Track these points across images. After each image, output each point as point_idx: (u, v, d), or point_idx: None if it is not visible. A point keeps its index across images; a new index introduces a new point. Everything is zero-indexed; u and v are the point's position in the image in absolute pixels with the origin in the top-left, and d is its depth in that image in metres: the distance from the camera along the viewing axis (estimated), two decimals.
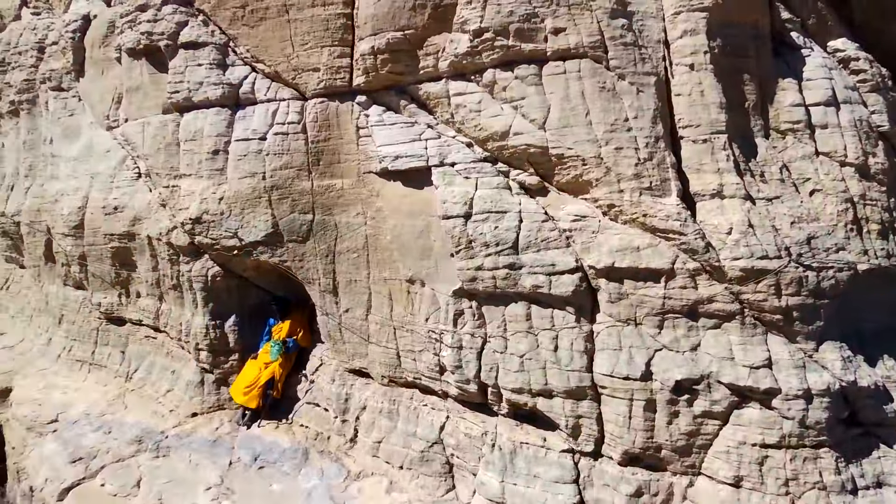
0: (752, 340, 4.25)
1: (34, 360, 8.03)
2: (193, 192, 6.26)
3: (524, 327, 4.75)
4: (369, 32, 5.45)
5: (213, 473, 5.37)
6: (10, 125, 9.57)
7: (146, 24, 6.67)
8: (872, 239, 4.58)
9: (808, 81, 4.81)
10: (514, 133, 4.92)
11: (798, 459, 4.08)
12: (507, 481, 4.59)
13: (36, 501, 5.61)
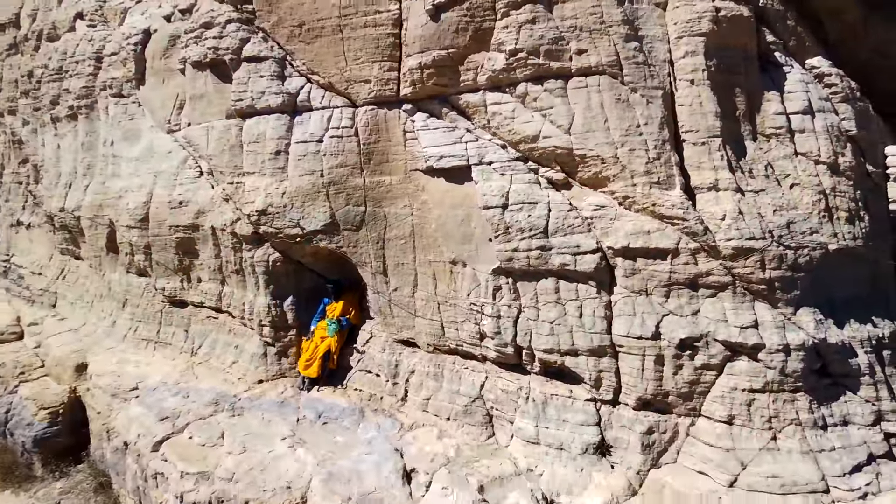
0: (742, 306, 5.23)
1: (101, 340, 8.96)
2: (258, 188, 7.22)
3: (553, 299, 5.72)
4: (417, 50, 6.41)
5: (284, 428, 6.31)
6: (68, 128, 10.48)
7: (212, 41, 7.62)
8: (841, 224, 5.56)
9: (789, 93, 5.79)
10: (544, 137, 5.89)
11: (779, 401, 5.06)
12: (541, 426, 5.56)
13: (130, 453, 6.55)
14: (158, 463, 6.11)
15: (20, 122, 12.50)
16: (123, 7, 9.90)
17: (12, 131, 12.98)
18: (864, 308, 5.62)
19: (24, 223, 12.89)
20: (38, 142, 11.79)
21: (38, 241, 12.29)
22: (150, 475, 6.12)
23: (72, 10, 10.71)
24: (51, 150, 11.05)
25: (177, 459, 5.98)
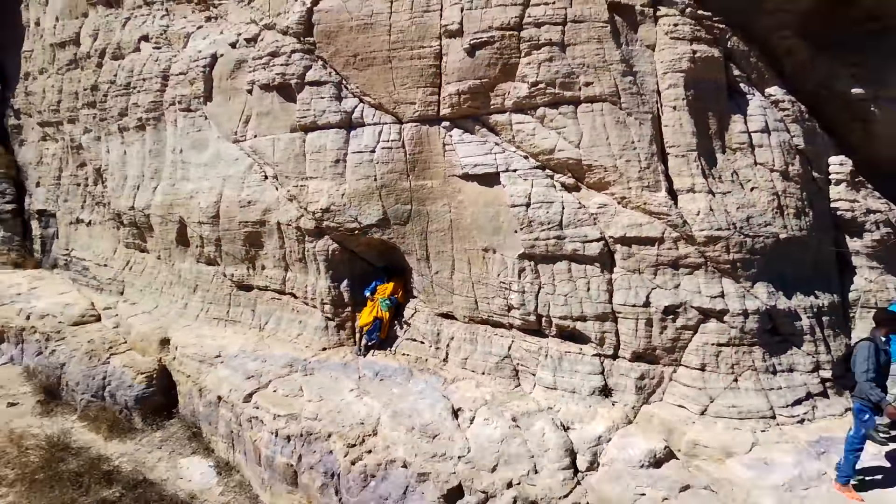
0: (712, 281, 6.85)
1: (175, 320, 10.53)
2: (321, 190, 8.80)
3: (567, 277, 7.33)
4: (455, 79, 8.00)
5: (350, 383, 7.89)
6: (136, 137, 12.02)
7: (279, 67, 9.19)
8: (790, 218, 7.18)
9: (751, 116, 7.41)
10: (558, 150, 7.49)
11: (739, 353, 6.69)
12: (557, 376, 7.16)
13: (223, 405, 8.12)
14: (251, 410, 7.70)
15: (80, 130, 14.03)
16: (186, 32, 11.45)
17: (71, 138, 14.51)
18: (808, 284, 7.25)
19: (83, 220, 14.44)
20: (100, 148, 13.33)
21: (100, 236, 13.84)
22: (245, 420, 7.70)
23: (136, 33, 12.25)
24: (116, 156, 12.59)
25: (268, 406, 7.56)
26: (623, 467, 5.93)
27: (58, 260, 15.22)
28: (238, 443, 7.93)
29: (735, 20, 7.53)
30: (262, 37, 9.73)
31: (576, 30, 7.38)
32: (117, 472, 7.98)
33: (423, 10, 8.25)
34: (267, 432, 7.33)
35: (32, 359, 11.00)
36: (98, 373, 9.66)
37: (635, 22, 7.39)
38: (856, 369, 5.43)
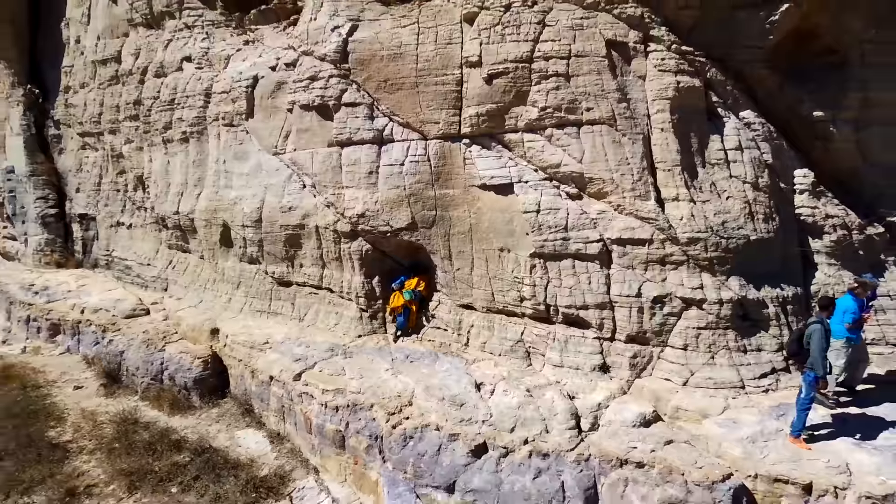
0: (693, 275, 8.20)
1: (221, 313, 11.85)
2: (357, 198, 10.13)
3: (571, 272, 8.67)
4: (475, 103, 9.35)
5: (385, 364, 9.20)
6: (179, 149, 13.34)
7: (319, 90, 10.53)
8: (759, 223, 8.53)
9: (726, 136, 8.77)
10: (564, 165, 8.84)
11: (716, 335, 8.03)
12: (563, 356, 8.51)
13: (275, 384, 9.43)
14: (301, 387, 9.02)
15: (121, 141, 15.35)
16: (226, 54, 12.77)
17: (112, 148, 15.84)
18: (775, 277, 8.60)
19: (124, 223, 15.76)
20: (142, 158, 14.66)
21: (142, 238, 15.15)
22: (295, 395, 9.02)
23: (179, 54, 13.56)
24: (160, 165, 13.92)
25: (316, 383, 8.88)
26: (619, 427, 7.27)
27: (98, 260, 16.53)
28: (288, 416, 9.25)
29: (714, 54, 8.89)
30: (301, 62, 11.06)
31: (578, 63, 8.74)
32: (184, 441, 9.30)
33: (446, 42, 9.61)
34: (317, 405, 8.65)
35: (90, 348, 12.31)
36: (156, 359, 10.97)
37: (629, 56, 8.75)
38: (814, 346, 6.72)
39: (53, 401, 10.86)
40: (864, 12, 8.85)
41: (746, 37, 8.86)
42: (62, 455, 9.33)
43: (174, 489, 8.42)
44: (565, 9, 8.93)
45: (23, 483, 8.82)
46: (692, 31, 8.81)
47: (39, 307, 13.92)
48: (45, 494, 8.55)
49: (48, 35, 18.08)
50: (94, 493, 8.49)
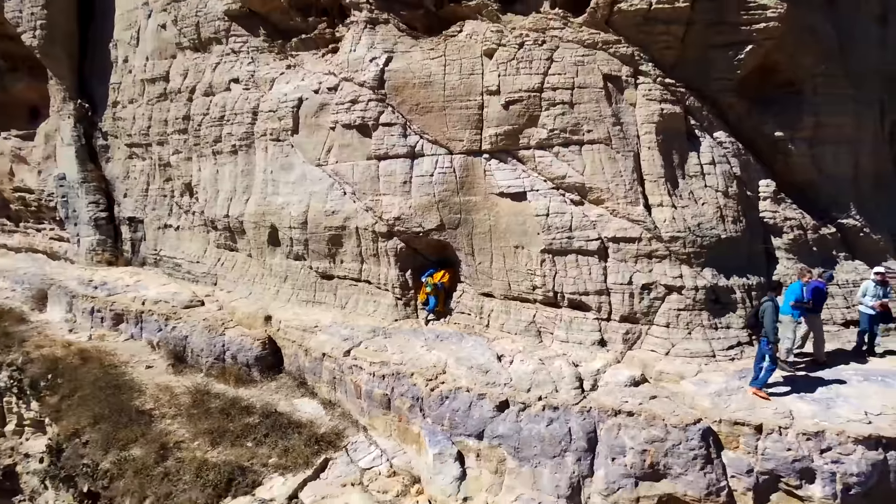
0: (674, 267, 10.13)
1: (270, 303, 13.74)
2: (393, 204, 12.05)
3: (575, 265, 10.59)
4: (494, 125, 11.28)
5: (420, 342, 11.09)
6: (228, 160, 15.24)
7: (359, 112, 12.45)
8: (729, 224, 10.46)
9: (702, 153, 10.71)
10: (568, 176, 10.77)
11: (692, 315, 9.96)
12: (569, 333, 10.43)
13: (327, 359, 11.32)
14: (350, 361, 10.92)
15: (169, 152, 17.26)
16: (270, 77, 14.68)
17: (160, 157, 17.74)
18: (742, 269, 10.53)
19: (171, 226, 17.66)
20: (191, 167, 16.57)
21: (189, 238, 17.04)
22: (346, 368, 10.92)
23: (227, 76, 15.47)
24: (209, 174, 15.83)
25: (363, 357, 10.78)
26: (614, 387, 9.18)
27: (146, 259, 18.42)
28: (339, 385, 11.15)
29: (692, 85, 10.83)
30: (342, 87, 12.97)
31: (580, 93, 10.69)
32: (252, 407, 11.19)
33: (469, 73, 11.55)
34: (365, 374, 10.56)
35: (154, 334, 14.19)
36: (218, 341, 12.85)
37: (622, 87, 10.70)
38: (766, 319, 8.62)
39: (131, 377, 12.74)
40: (814, 52, 10.82)
41: (718, 71, 10.81)
42: (148, 419, 11.23)
43: (249, 444, 10.32)
44: (569, 47, 10.88)
45: (120, 441, 10.71)
46: (674, 66, 10.76)
47: (102, 299, 15.80)
48: (142, 449, 10.43)
49: (96, 54, 19.95)
50: (183, 447, 10.38)
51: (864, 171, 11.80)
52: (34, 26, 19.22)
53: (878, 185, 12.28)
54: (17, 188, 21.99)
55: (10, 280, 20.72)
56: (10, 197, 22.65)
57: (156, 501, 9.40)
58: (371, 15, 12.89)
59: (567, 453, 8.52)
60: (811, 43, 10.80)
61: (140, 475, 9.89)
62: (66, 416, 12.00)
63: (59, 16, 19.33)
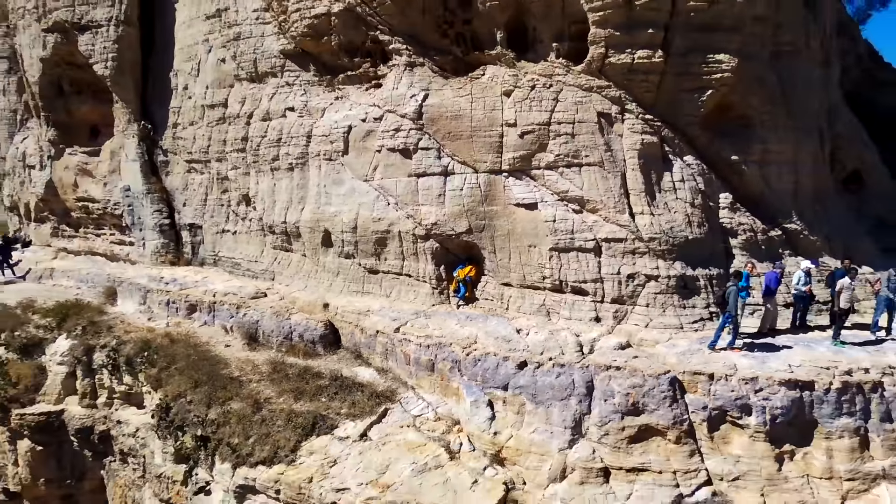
0: (652, 261, 13.31)
1: (324, 294, 16.85)
2: (430, 212, 15.21)
3: (576, 259, 13.76)
4: (511, 150, 14.49)
5: (454, 321, 14.21)
6: (285, 175, 18.37)
7: (402, 138, 15.64)
8: (695, 228, 13.64)
9: (674, 172, 13.91)
10: (570, 191, 13.96)
11: (666, 297, 13.13)
12: (572, 313, 13.60)
13: (380, 335, 14.42)
14: (399, 335, 14.04)
15: (227, 167, 20.39)
16: (321, 107, 17.86)
17: (218, 172, 20.87)
18: (706, 262, 13.71)
19: (228, 230, 20.77)
20: (247, 181, 19.70)
21: (246, 241, 20.14)
22: (396, 341, 14.03)
23: (283, 105, 18.63)
24: (266, 187, 18.96)
25: (411, 332, 13.91)
26: (606, 350, 12.31)
27: (205, 259, 21.52)
28: (391, 355, 14.26)
29: (666, 120, 14.03)
30: (386, 118, 16.15)
31: (579, 126, 13.89)
32: (321, 373, 14.27)
33: (491, 109, 14.75)
34: (413, 345, 13.68)
35: (227, 320, 17.26)
36: (285, 324, 15.95)
37: (612, 122, 13.91)
38: (731, 300, 11.77)
39: (215, 353, 15.80)
40: (760, 95, 14.07)
41: (686, 110, 14.02)
42: (238, 383, 14.30)
43: (324, 399, 13.41)
44: (571, 90, 14.09)
45: (219, 399, 13.78)
46: (652, 106, 13.97)
47: (175, 292, 18.89)
48: (238, 404, 13.50)
49: (156, 82, 23.11)
50: (272, 402, 13.45)
51: (804, 186, 15.03)
52: (106, 58, 22.39)
53: (818, 198, 15.52)
54: (81, 198, 25.06)
55: (75, 279, 23.80)
56: (72, 206, 25.71)
57: (258, 439, 12.46)
58: (410, 59, 16.12)
59: (571, 397, 11.63)
60: (758, 88, 14.04)
61: (242, 422, 12.95)
62: (167, 383, 15.05)
63: (127, 50, 22.50)
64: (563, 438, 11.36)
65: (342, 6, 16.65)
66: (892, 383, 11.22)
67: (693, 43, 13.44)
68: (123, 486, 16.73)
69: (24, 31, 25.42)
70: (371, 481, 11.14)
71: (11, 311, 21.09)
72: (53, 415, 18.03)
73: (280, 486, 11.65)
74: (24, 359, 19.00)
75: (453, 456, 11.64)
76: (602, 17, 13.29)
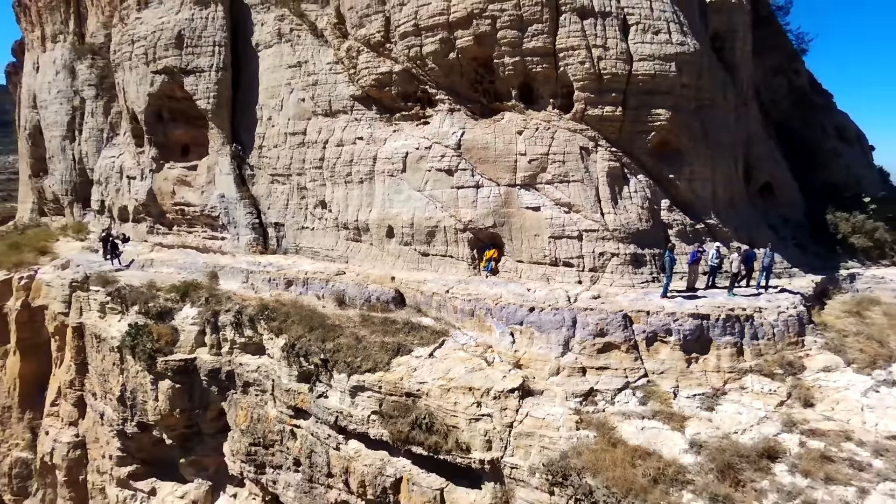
0: (615, 244, 20.92)
1: (389, 270, 24.35)
2: (467, 213, 22.80)
3: (566, 244, 21.35)
4: (523, 171, 22.11)
5: (485, 286, 21.69)
6: (356, 186, 25.92)
7: (446, 162, 23.22)
8: (644, 223, 21.23)
9: (630, 186, 21.57)
10: (561, 199, 21.58)
11: (624, 267, 20.75)
12: (563, 279, 21.19)
13: (434, 296, 21.90)
14: (448, 295, 21.57)
15: (306, 180, 27.94)
16: (383, 137, 25.47)
17: (298, 183, 28.39)
18: (652, 245, 21.32)
19: (307, 227, 28.27)
20: (325, 190, 27.25)
21: (322, 235, 27.63)
22: (447, 299, 21.56)
23: (353, 135, 26.23)
24: (341, 195, 26.51)
25: (457, 292, 21.45)
26: (585, 300, 19.86)
27: (288, 249, 28.99)
28: (442, 308, 21.76)
29: (626, 151, 21.64)
30: (433, 147, 23.75)
31: (568, 156, 21.51)
32: (396, 321, 21.72)
33: (509, 143, 22.37)
34: (459, 300, 21.21)
35: (319, 290, 24.72)
36: (364, 291, 23.43)
37: (589, 153, 21.53)
38: (667, 266, 19.39)
39: (317, 311, 23.25)
40: (688, 135, 21.72)
41: (639, 144, 21.65)
42: (340, 329, 21.77)
43: (401, 335, 20.88)
44: (562, 132, 21.70)
45: (331, 337, 21.29)
46: (616, 141, 21.59)
47: (273, 272, 26.33)
48: (344, 340, 21.01)
49: (244, 113, 30.62)
50: (367, 338, 20.94)
51: (719, 195, 22.67)
52: (208, 96, 29.89)
53: (730, 203, 23.18)
54: (178, 203, 32.49)
55: (174, 267, 31.18)
56: (169, 209, 33.13)
57: (363, 358, 19.90)
58: (450, 106, 23.73)
59: (562, 327, 19.18)
60: (686, 131, 21.69)
61: (350, 349, 20.39)
62: (287, 331, 22.45)
63: (224, 89, 30.02)
64: (557, 351, 18.91)
65: (401, 67, 24.32)
66: (759, 317, 18.87)
67: (641, 102, 21.09)
68: (247, 408, 24.10)
69: (130, 70, 32.90)
70: (440, 377, 18.62)
71: (139, 289, 28.50)
72: (188, 361, 25.41)
73: (381, 383, 19.08)
74: (159, 323, 26.39)
75: (490, 364, 19.14)
76: (582, 85, 20.96)
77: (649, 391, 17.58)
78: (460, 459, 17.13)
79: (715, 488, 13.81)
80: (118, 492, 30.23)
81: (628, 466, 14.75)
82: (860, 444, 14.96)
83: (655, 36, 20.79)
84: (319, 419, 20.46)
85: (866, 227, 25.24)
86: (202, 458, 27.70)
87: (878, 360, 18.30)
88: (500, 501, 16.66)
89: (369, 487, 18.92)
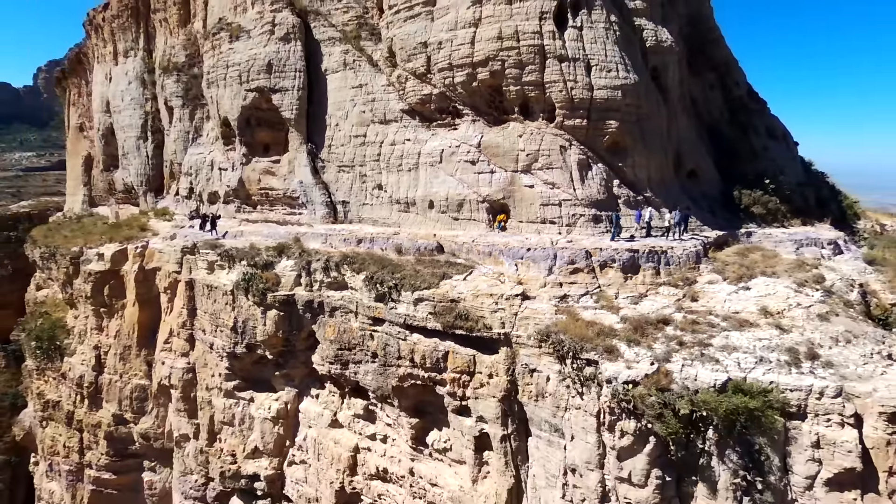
0: (582, 209, 33.32)
1: (431, 230, 36.74)
2: (485, 190, 35.19)
3: (550, 209, 33.76)
4: (522, 162, 34.53)
5: (499, 237, 34.03)
6: (406, 173, 38.25)
7: (470, 156, 35.64)
8: (601, 195, 33.65)
9: (593, 171, 33.95)
10: (548, 180, 33.99)
11: (588, 223, 33.18)
12: (549, 231, 33.64)
13: (464, 244, 34.20)
14: (473, 244, 33.93)
15: (367, 169, 40.28)
16: (425, 139, 37.88)
17: (359, 172, 40.73)
18: (606, 209, 33.69)
19: (367, 204, 40.60)
20: (380, 177, 39.64)
21: (379, 208, 39.94)
22: (472, 245, 33.90)
23: (402, 137, 38.62)
24: (394, 180, 38.90)
25: (478, 241, 33.81)
26: (563, 243, 32.20)
27: (352, 220, 41.30)
28: (470, 252, 34.02)
29: (590, 147, 33.99)
30: (461, 146, 36.14)
31: (552, 151, 33.88)
32: (439, 261, 34.06)
33: (513, 143, 34.79)
34: (482, 245, 33.55)
35: (382, 244, 36.99)
36: (415, 243, 35.69)
37: (566, 149, 33.86)
38: (615, 221, 31.76)
39: (385, 258, 35.53)
40: (631, 138, 34.13)
41: (598, 144, 34.01)
42: (402, 266, 34.10)
43: (443, 269, 33.25)
44: (549, 136, 34.05)
45: (398, 270, 33.74)
46: (583, 142, 33.92)
47: (346, 234, 38.59)
48: (408, 271, 33.44)
49: (316, 121, 42.91)
50: (422, 271, 33.31)
51: (653, 178, 35.01)
52: (291, 108, 42.17)
53: (662, 182, 35.56)
54: (263, 188, 44.69)
55: (261, 235, 43.39)
56: (255, 193, 45.34)
57: (420, 281, 32.13)
58: (473, 117, 36.13)
59: (548, 259, 31.50)
60: (629, 135, 34.01)
61: (411, 276, 32.61)
62: (365, 269, 34.65)
63: (302, 103, 42.30)
64: (545, 273, 31.22)
65: (438, 91, 36.78)
66: (671, 251, 31.28)
67: (599, 116, 33.48)
68: (334, 325, 36.31)
69: (224, 87, 45.18)
70: (471, 290, 30.90)
71: (243, 250, 40.72)
72: (289, 296, 37.66)
73: (434, 295, 31.29)
74: (265, 271, 38.62)
75: (502, 282, 31.40)
76: (561, 105, 33.40)
77: (600, 295, 30.05)
78: (486, 335, 29.53)
79: (629, 336, 26.19)
80: (224, 401, 42.48)
81: (584, 328, 27.17)
82: (716, 316, 27.47)
83: (608, 73, 33.21)
84: (393, 322, 32.81)
85: (762, 200, 37.79)
86: (291, 371, 39.98)
87: (743, 278, 30.83)
88: (509, 359, 29.04)
89: (428, 359, 31.26)
